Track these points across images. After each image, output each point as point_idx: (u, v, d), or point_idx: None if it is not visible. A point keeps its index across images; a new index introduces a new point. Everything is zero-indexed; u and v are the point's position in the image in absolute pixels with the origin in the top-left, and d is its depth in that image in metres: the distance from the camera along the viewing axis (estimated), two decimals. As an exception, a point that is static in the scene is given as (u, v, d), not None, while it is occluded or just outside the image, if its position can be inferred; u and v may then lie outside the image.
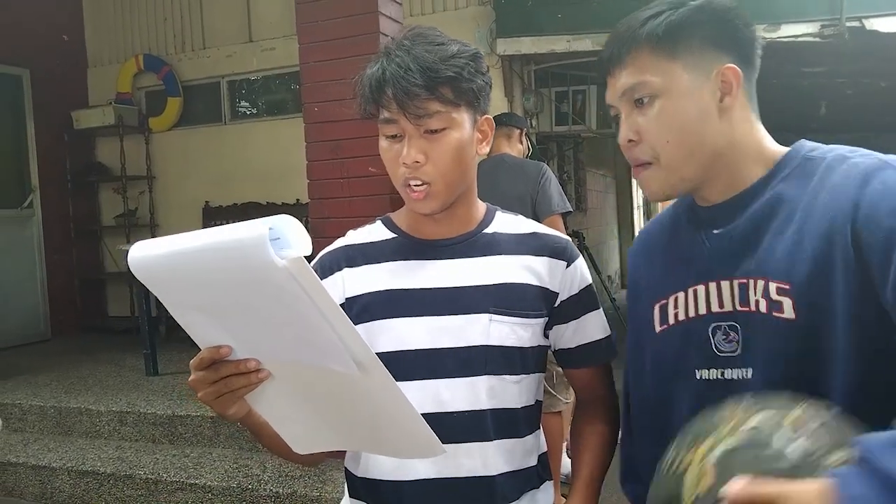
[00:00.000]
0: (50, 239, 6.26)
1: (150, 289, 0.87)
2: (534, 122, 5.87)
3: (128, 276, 6.28)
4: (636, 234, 13.40)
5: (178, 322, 0.90)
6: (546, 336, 1.18)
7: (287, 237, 0.80)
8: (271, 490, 3.10)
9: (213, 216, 6.32)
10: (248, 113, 6.47)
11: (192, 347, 0.90)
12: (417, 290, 1.13)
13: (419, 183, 1.07)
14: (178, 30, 6.43)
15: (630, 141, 0.94)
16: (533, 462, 1.18)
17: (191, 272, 0.83)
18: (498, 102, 5.49)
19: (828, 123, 8.94)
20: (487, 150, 1.17)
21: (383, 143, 1.11)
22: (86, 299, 6.55)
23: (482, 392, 1.10)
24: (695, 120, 0.91)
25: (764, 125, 1.00)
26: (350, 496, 1.22)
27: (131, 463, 3.47)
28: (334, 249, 1.21)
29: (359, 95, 1.12)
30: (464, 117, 1.08)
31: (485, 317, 1.10)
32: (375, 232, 1.22)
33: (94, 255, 6.69)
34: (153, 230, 6.48)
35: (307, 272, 0.77)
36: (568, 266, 1.17)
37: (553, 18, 5.18)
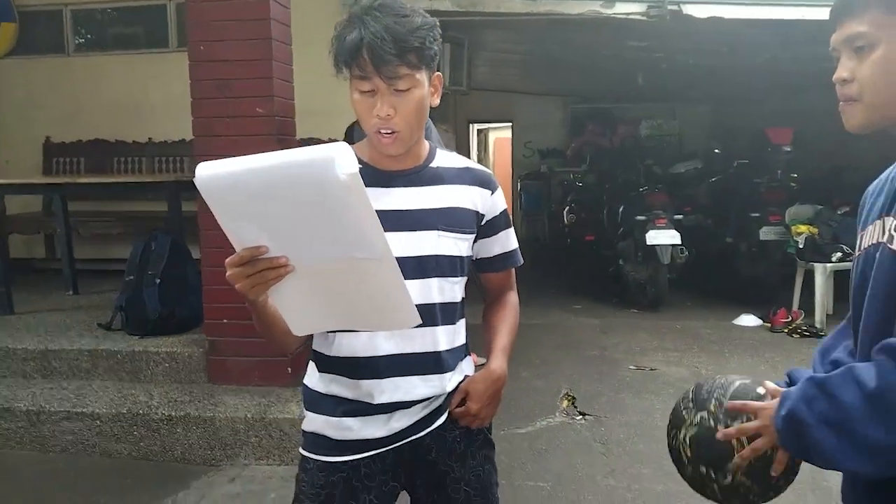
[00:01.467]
0: None
1: (208, 201, 1.09)
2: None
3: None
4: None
5: (224, 227, 1.13)
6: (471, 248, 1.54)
7: (338, 158, 1.04)
8: (163, 414, 3.25)
9: (56, 153, 6.01)
10: (94, 45, 6.14)
11: (42, 290, 1.09)
12: (382, 212, 1.43)
13: (389, 131, 1.36)
14: (12, -51, 5.94)
15: (843, 80, 1.07)
16: (463, 341, 1.55)
17: (256, 186, 1.07)
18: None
19: (643, 92, 9.98)
20: (438, 101, 1.46)
21: (356, 96, 1.36)
22: None
23: (434, 290, 1.44)
24: None
25: (585, 89, 1.27)
26: (321, 371, 1.51)
27: (6, 397, 3.44)
28: None
29: (335, 54, 1.35)
30: (423, 77, 1.36)
31: (434, 233, 1.43)
32: None
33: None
34: (-16, 165, 6.04)
35: (360, 184, 1.05)
36: (492, 194, 1.52)
37: (417, -23, 5.45)
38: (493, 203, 1.52)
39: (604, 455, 3.37)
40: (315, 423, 1.49)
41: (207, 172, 1.07)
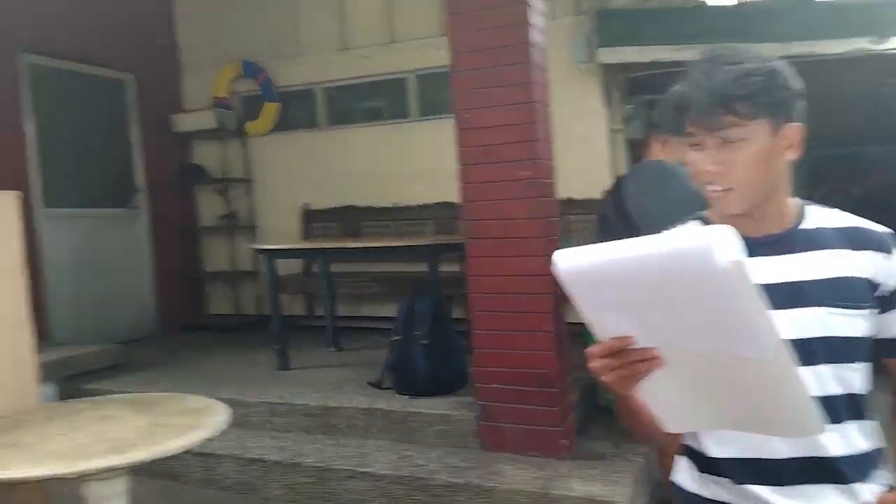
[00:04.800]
0: (156, 238, 6.50)
1: (568, 288, 1.03)
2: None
3: (230, 276, 6.53)
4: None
5: (585, 317, 1.06)
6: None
7: (715, 245, 0.92)
8: (444, 480, 3.26)
9: (314, 219, 6.53)
10: (342, 119, 6.64)
11: (306, 346, 1.00)
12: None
13: (718, 189, 1.23)
14: (273, 37, 6.62)
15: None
16: (877, 443, 1.30)
17: (620, 275, 0.98)
18: (599, 109, 5.67)
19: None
20: (795, 155, 1.27)
21: (688, 150, 1.26)
22: (190, 298, 6.78)
23: (829, 379, 1.24)
24: None
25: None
26: (701, 472, 1.35)
27: (295, 451, 3.66)
28: None
29: (666, 111, 1.27)
30: (762, 128, 1.20)
31: (822, 309, 1.23)
32: None
33: (195, 255, 6.91)
34: (254, 231, 6.70)
35: (744, 272, 0.92)
36: (888, 256, 1.27)
37: (655, 29, 5.33)
38: (891, 269, 1.28)
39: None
40: None
41: (568, 264, 1.02)
